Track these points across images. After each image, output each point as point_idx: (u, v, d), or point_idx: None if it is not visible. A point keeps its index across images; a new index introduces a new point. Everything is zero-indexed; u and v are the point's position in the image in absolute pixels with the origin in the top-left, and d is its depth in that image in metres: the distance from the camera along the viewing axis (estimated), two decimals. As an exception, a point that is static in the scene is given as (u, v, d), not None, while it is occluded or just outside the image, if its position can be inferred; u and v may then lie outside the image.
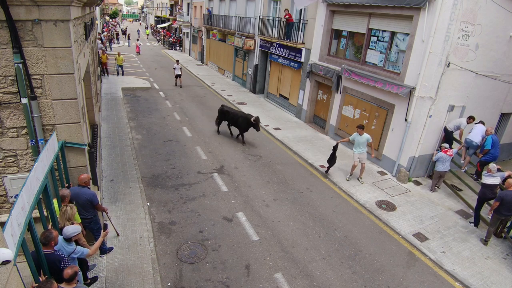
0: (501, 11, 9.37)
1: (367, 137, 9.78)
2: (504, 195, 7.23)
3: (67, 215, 4.91)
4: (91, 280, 5.72)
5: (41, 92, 5.04)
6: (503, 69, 10.43)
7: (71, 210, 4.96)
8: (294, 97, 16.49)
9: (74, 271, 3.95)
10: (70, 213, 4.93)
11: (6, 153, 5.22)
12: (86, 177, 5.81)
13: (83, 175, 5.81)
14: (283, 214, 8.29)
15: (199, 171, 10.10)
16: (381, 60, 11.02)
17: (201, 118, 15.04)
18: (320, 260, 6.86)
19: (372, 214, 8.63)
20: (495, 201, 7.40)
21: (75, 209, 5.07)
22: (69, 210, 4.94)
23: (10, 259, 2.72)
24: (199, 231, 7.42)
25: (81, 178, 5.76)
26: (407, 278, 6.62)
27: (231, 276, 6.25)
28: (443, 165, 9.30)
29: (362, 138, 9.73)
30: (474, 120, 9.77)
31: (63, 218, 4.90)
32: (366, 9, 11.03)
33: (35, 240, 3.87)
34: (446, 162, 9.25)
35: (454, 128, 9.89)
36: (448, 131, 9.98)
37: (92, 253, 4.91)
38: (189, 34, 35.09)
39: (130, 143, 11.48)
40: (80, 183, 5.76)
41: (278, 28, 16.30)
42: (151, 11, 72.19)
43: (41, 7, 4.61)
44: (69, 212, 4.93)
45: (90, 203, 5.76)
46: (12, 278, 2.85)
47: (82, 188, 5.74)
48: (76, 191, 5.66)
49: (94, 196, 5.82)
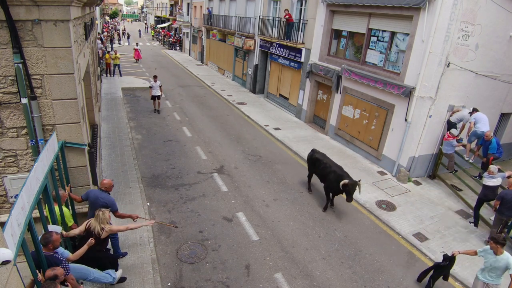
0: (501, 11, 9.38)
1: (508, 260, 5.24)
2: (504, 194, 7.27)
3: (99, 219, 4.96)
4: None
5: (41, 92, 5.04)
6: (503, 69, 10.44)
7: (103, 215, 5.01)
8: (294, 97, 16.49)
9: (54, 274, 3.84)
10: (102, 218, 4.98)
11: (6, 153, 5.22)
12: (108, 183, 5.81)
13: (105, 180, 5.84)
14: (283, 214, 8.29)
15: (199, 171, 10.10)
16: (381, 60, 11.02)
17: (201, 118, 15.04)
18: (320, 260, 6.86)
19: (372, 214, 8.63)
20: (496, 200, 7.45)
21: (107, 214, 5.08)
22: (101, 215, 5.00)
23: (10, 259, 2.72)
24: (199, 231, 7.42)
25: (103, 183, 5.78)
26: (407, 278, 6.62)
27: (231, 276, 6.25)
28: (452, 148, 9.62)
29: (499, 260, 5.33)
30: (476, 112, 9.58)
31: (97, 222, 4.97)
32: (366, 9, 11.04)
33: (35, 240, 3.87)
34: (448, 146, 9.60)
35: (457, 120, 9.91)
36: (451, 123, 9.99)
37: (72, 258, 4.77)
38: (189, 34, 35.09)
39: (130, 143, 11.48)
40: (101, 187, 5.78)
41: (278, 28, 16.30)
42: (151, 11, 72.20)
43: (41, 7, 4.61)
44: (101, 216, 4.98)
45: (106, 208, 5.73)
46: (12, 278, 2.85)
47: (103, 193, 5.75)
48: (97, 195, 5.67)
49: (113, 203, 5.77)
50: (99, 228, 4.98)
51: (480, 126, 9.32)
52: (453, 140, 9.49)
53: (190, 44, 34.94)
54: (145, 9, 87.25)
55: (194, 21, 32.32)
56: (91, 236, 4.94)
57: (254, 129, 14.19)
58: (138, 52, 28.33)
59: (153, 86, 14.79)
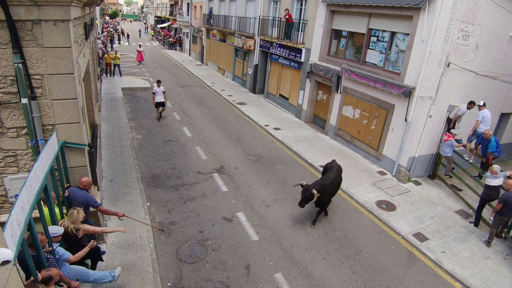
0: (501, 11, 9.37)
1: None
2: (507, 196, 7.17)
3: (72, 218, 4.94)
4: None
5: (41, 92, 5.04)
6: (503, 69, 10.43)
7: (78, 214, 4.98)
8: (294, 97, 16.50)
9: (49, 275, 3.83)
10: (75, 217, 4.96)
11: (6, 153, 5.22)
12: (87, 181, 5.76)
13: (84, 178, 5.77)
14: (283, 214, 8.29)
15: (199, 171, 10.10)
16: (381, 60, 11.02)
17: (201, 118, 15.05)
18: (320, 260, 6.86)
19: (372, 214, 8.63)
20: (498, 203, 7.34)
21: (81, 214, 5.06)
22: (75, 213, 4.97)
23: (10, 259, 2.72)
24: (199, 231, 7.42)
25: (82, 181, 5.72)
26: (407, 278, 6.62)
27: (231, 276, 6.25)
28: (451, 150, 9.55)
29: None
30: (474, 105, 9.49)
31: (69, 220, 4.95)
32: (366, 9, 11.04)
33: (35, 240, 3.87)
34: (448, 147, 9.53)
35: (454, 114, 9.87)
36: (451, 120, 10.00)
37: (73, 260, 4.77)
38: (189, 34, 35.09)
39: (130, 143, 11.48)
40: (79, 185, 5.74)
41: (278, 28, 16.30)
42: (151, 11, 72.22)
43: (41, 7, 4.61)
44: (75, 215, 4.96)
45: (86, 206, 5.72)
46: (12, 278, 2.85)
47: (81, 191, 5.70)
48: (75, 193, 5.65)
49: (91, 199, 5.72)
50: (72, 227, 4.94)
51: (482, 126, 9.31)
52: (452, 140, 9.43)
53: (190, 44, 34.94)
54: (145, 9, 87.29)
55: (194, 21, 32.32)
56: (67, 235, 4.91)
57: (254, 129, 14.19)
58: (141, 54, 27.10)
59: (157, 91, 13.63)
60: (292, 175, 10.31)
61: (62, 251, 4.63)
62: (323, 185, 7.64)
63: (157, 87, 13.75)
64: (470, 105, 9.48)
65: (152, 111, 15.38)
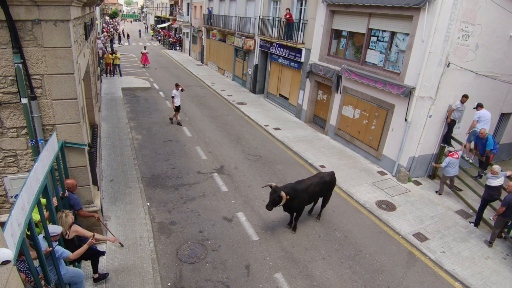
0: (501, 11, 9.38)
1: None
2: (510, 199, 7.12)
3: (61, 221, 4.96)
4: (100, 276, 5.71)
5: (41, 92, 5.05)
6: (503, 69, 10.43)
7: (66, 217, 4.99)
8: (294, 97, 16.50)
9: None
10: (64, 220, 4.97)
11: (6, 153, 5.22)
12: (71, 183, 5.73)
13: (69, 180, 5.74)
14: (283, 214, 8.28)
15: (199, 171, 10.10)
16: (381, 60, 11.02)
17: (201, 118, 15.04)
18: (320, 260, 6.86)
19: (372, 214, 8.63)
20: (502, 206, 7.27)
21: (70, 217, 5.06)
22: (64, 217, 4.98)
23: (10, 259, 2.71)
24: (199, 231, 7.42)
25: (67, 183, 5.70)
26: (407, 278, 6.62)
27: (231, 276, 6.25)
28: (454, 169, 9.17)
29: None
30: (467, 99, 9.47)
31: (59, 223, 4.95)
32: (366, 9, 11.04)
33: (35, 240, 3.86)
34: (456, 166, 9.17)
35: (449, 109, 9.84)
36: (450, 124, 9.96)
37: (72, 258, 4.77)
38: (189, 34, 35.08)
39: (130, 143, 11.48)
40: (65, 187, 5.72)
41: (278, 28, 16.30)
42: (151, 11, 72.21)
43: (41, 7, 4.61)
44: (64, 219, 4.97)
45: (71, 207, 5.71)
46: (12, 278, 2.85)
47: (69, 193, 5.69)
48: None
49: (75, 200, 5.72)
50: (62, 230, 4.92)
51: (479, 125, 9.30)
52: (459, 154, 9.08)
53: (190, 44, 34.93)
54: (145, 9, 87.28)
55: (194, 21, 32.31)
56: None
57: (254, 129, 14.19)
58: (146, 56, 25.87)
59: (176, 95, 13.23)
60: (292, 175, 10.31)
61: (61, 250, 4.64)
62: (295, 189, 7.09)
63: (175, 90, 13.33)
64: (463, 98, 9.50)
65: (152, 111, 15.39)
